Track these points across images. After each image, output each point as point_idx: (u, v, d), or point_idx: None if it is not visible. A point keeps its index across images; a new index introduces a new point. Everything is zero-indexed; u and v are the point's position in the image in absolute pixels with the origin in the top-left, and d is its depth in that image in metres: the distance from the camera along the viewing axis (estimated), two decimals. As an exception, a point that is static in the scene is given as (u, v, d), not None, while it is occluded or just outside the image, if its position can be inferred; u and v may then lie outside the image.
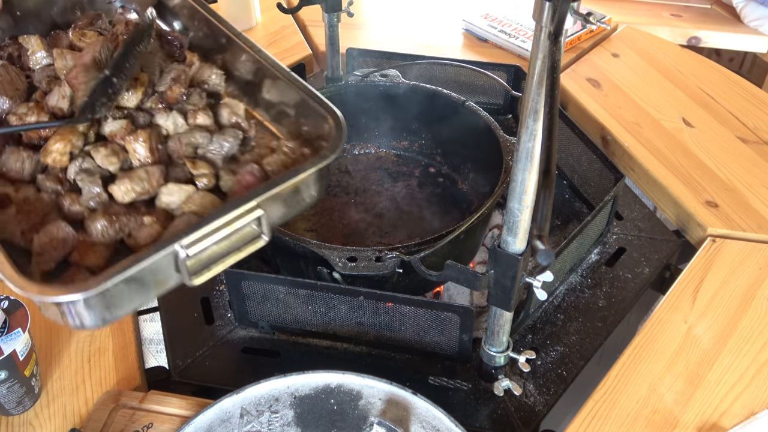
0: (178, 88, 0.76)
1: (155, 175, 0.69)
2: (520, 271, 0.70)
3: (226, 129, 0.76)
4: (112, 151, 0.71)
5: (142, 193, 0.68)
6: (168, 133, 0.75)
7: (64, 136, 0.71)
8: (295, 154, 0.72)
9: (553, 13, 0.54)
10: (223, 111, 0.77)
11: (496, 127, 0.99)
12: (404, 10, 1.61)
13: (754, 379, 0.80)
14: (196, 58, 0.83)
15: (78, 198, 0.68)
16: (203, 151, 0.74)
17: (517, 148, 0.64)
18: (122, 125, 0.73)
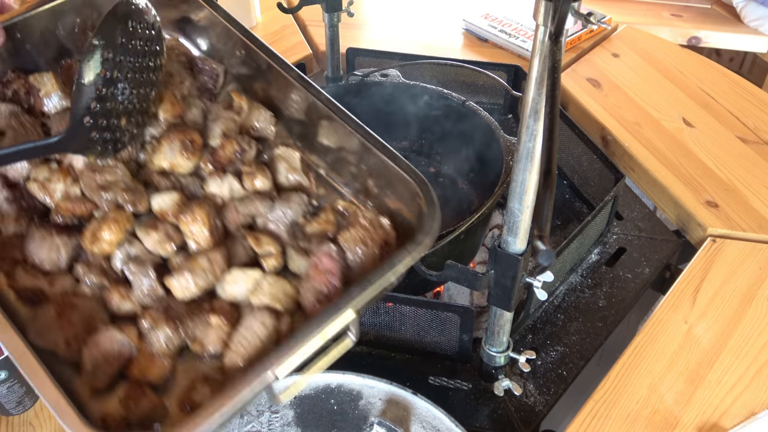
0: (231, 145, 0.67)
1: (218, 262, 0.60)
2: (520, 271, 0.70)
3: (288, 194, 0.66)
4: (166, 235, 0.61)
5: (205, 288, 0.60)
6: (223, 201, 0.65)
7: (115, 221, 0.61)
8: (373, 228, 0.63)
9: (554, 13, 0.54)
10: (280, 165, 0.68)
11: (496, 127, 0.99)
12: (404, 10, 1.61)
13: (754, 379, 0.80)
14: (244, 101, 0.72)
15: (128, 292, 0.60)
16: (263, 221, 0.65)
17: (517, 148, 0.64)
18: (174, 200, 0.63)
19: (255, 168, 0.67)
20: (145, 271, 0.59)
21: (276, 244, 0.63)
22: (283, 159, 0.68)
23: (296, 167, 0.68)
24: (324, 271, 0.59)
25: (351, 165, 0.68)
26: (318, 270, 0.60)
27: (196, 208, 0.61)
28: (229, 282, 0.60)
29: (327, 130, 0.69)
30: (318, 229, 0.64)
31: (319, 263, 0.60)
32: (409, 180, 0.62)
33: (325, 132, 0.69)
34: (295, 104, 0.71)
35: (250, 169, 0.66)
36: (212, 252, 0.60)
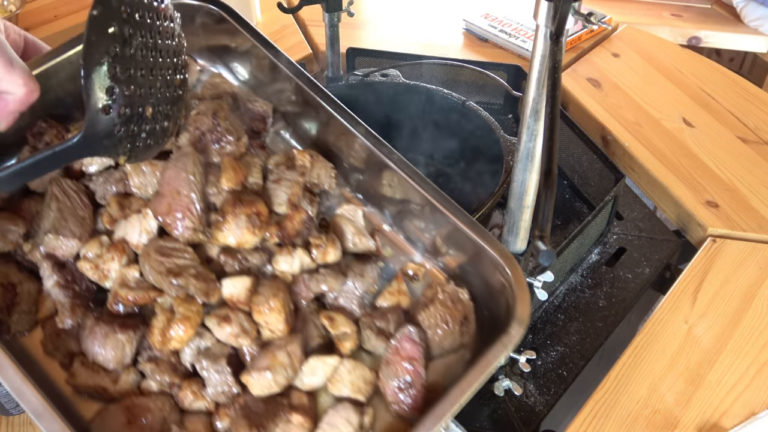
0: (299, 214, 0.62)
1: (297, 354, 0.56)
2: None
3: (359, 265, 0.62)
4: (241, 328, 0.57)
5: (285, 384, 0.56)
6: (294, 279, 0.61)
7: (187, 318, 0.56)
8: (453, 302, 0.59)
9: (554, 13, 0.54)
10: (346, 228, 0.64)
11: (496, 127, 0.99)
12: (404, 10, 1.61)
13: (754, 379, 0.80)
14: (307, 158, 0.67)
15: (201, 390, 0.56)
16: (335, 295, 0.62)
17: (517, 148, 0.64)
18: (246, 286, 0.58)
19: (325, 240, 0.62)
20: (220, 366, 0.56)
21: (351, 323, 0.60)
22: (347, 220, 0.64)
23: (361, 228, 0.64)
24: (406, 357, 0.56)
25: (417, 219, 0.65)
26: (400, 356, 0.57)
27: (272, 297, 0.57)
28: (307, 373, 0.57)
29: (391, 180, 0.65)
30: (391, 301, 0.61)
31: (400, 349, 0.57)
32: (489, 251, 0.59)
33: (389, 182, 0.66)
34: (354, 152, 0.67)
35: (320, 241, 0.62)
36: (291, 344, 0.56)
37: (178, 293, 0.57)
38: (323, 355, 0.58)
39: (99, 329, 0.57)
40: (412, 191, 0.64)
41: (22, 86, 0.56)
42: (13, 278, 0.61)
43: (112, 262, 0.59)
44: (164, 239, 0.60)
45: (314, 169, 0.66)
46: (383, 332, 0.59)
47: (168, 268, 0.57)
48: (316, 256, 0.62)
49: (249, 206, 0.61)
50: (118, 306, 0.59)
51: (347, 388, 0.56)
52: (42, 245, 0.61)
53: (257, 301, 0.57)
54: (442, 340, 0.60)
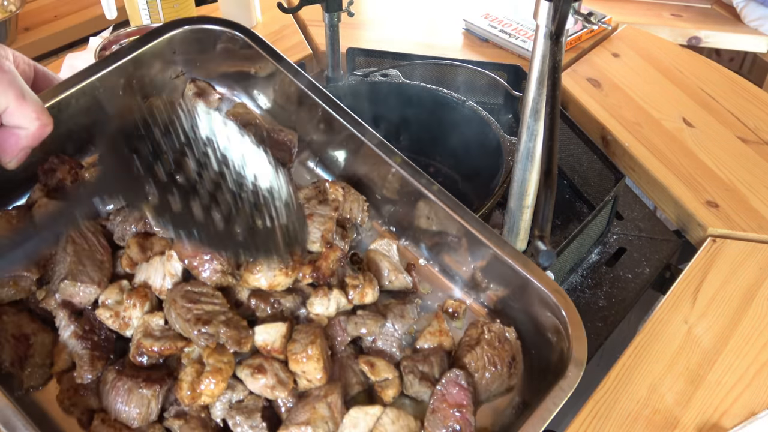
0: (334, 253, 0.58)
1: (337, 406, 0.53)
2: (520, 271, 0.70)
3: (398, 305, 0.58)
4: (277, 380, 0.52)
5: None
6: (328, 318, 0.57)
7: (218, 371, 0.51)
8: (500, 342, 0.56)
9: (554, 13, 0.54)
10: (382, 265, 0.60)
11: (496, 126, 0.99)
12: (404, 10, 1.61)
13: (754, 379, 0.80)
14: (340, 191, 0.63)
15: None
16: (372, 338, 0.58)
17: (518, 148, 0.64)
18: (281, 333, 0.54)
19: (363, 279, 0.58)
20: (255, 422, 0.52)
21: (392, 368, 0.56)
22: (382, 256, 0.61)
23: (397, 264, 0.61)
24: (454, 404, 0.53)
25: (455, 252, 0.61)
26: (447, 403, 0.53)
27: (310, 345, 0.53)
28: (349, 426, 0.52)
29: (428, 211, 0.62)
30: (433, 342, 0.57)
31: (447, 395, 0.53)
32: (536, 285, 0.56)
33: (426, 214, 0.62)
34: (388, 182, 0.63)
35: (357, 281, 0.58)
36: (331, 394, 0.52)
37: (207, 342, 0.52)
38: (364, 405, 0.54)
39: (121, 384, 0.52)
40: (451, 222, 0.60)
41: (35, 120, 0.53)
42: (26, 329, 0.57)
43: (134, 309, 0.55)
44: (191, 283, 0.56)
45: (346, 202, 0.63)
46: (427, 377, 0.55)
47: (196, 316, 0.53)
48: (353, 297, 0.58)
49: None
50: (141, 358, 0.54)
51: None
52: (58, 292, 0.57)
53: (293, 349, 0.53)
54: (490, 384, 0.56)
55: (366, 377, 0.56)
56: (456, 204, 0.61)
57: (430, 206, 0.61)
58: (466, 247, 0.61)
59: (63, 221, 0.51)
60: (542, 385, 0.54)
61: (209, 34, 0.69)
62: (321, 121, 0.66)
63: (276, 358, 0.54)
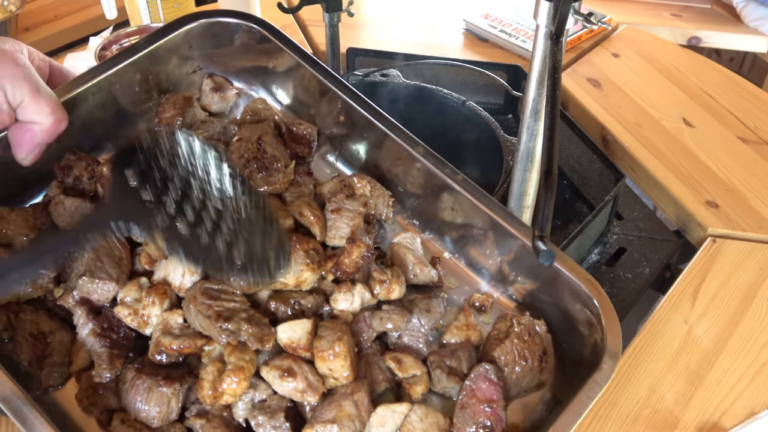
0: (359, 248, 0.56)
1: (364, 404, 0.51)
2: (520, 271, 0.70)
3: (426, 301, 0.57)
4: (308, 383, 0.51)
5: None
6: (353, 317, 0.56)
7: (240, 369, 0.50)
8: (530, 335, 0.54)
9: (554, 13, 0.54)
10: (406, 257, 0.58)
11: (496, 126, 0.99)
12: (404, 10, 1.60)
13: (754, 379, 0.80)
14: (367, 185, 0.61)
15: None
16: (397, 334, 0.56)
17: (518, 148, 0.64)
18: (306, 330, 0.53)
19: (390, 274, 0.57)
20: (278, 422, 0.50)
21: (419, 364, 0.54)
22: (406, 249, 0.59)
23: (421, 257, 0.59)
24: (484, 399, 0.51)
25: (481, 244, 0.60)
26: (477, 398, 0.51)
27: (337, 341, 0.51)
28: (376, 424, 0.51)
29: (452, 203, 0.60)
30: (460, 337, 0.56)
31: (476, 390, 0.51)
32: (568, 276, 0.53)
33: (450, 206, 0.60)
34: (411, 176, 0.62)
35: (384, 276, 0.57)
36: (357, 392, 0.51)
37: (228, 339, 0.51)
38: (392, 403, 0.52)
39: (141, 382, 0.51)
40: (476, 213, 0.58)
41: (50, 115, 0.52)
42: (43, 327, 0.56)
43: (153, 306, 0.54)
44: (210, 281, 0.55)
45: (372, 198, 0.61)
46: (455, 372, 0.53)
47: (217, 312, 0.51)
48: (380, 293, 0.56)
49: (306, 241, 0.56)
50: (160, 356, 0.53)
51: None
52: (75, 290, 0.56)
53: (320, 347, 0.51)
54: (521, 379, 0.55)
55: (393, 374, 0.55)
56: (482, 193, 0.59)
57: (455, 197, 0.60)
58: (492, 239, 0.59)
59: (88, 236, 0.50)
60: (575, 380, 0.53)
61: (226, 28, 0.68)
62: (340, 113, 0.65)
63: (303, 357, 0.52)
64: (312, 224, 0.59)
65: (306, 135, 0.66)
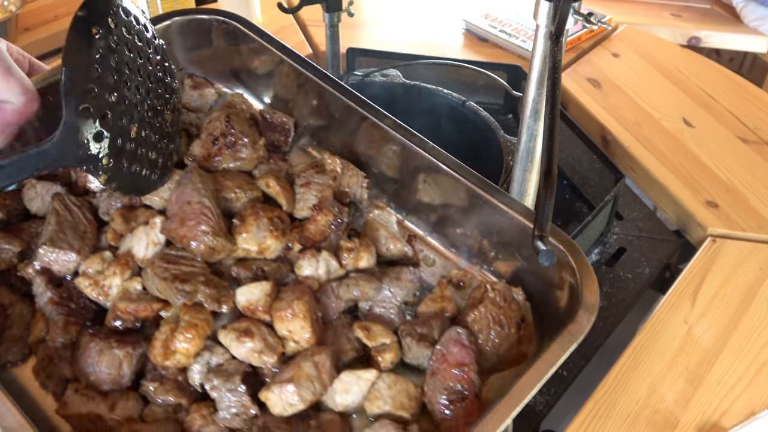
0: (324, 216, 0.55)
1: (326, 367, 0.49)
2: (520, 271, 0.70)
3: (395, 269, 0.56)
4: (265, 344, 0.49)
5: (313, 401, 0.48)
6: (320, 285, 0.54)
7: (193, 326, 0.49)
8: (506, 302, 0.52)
9: (554, 13, 0.54)
10: (379, 233, 0.57)
11: (496, 126, 0.99)
12: (404, 10, 1.61)
13: (754, 379, 0.80)
14: (338, 162, 0.61)
15: (211, 415, 0.48)
16: (368, 304, 0.54)
17: (517, 148, 0.64)
18: (265, 291, 0.51)
19: (359, 243, 0.55)
20: (233, 385, 0.48)
21: (390, 333, 0.52)
22: (380, 225, 0.57)
23: (395, 233, 0.58)
24: (455, 363, 0.48)
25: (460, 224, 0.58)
26: (447, 363, 0.49)
27: (296, 300, 0.49)
28: (340, 390, 0.49)
29: (429, 183, 0.59)
30: (434, 308, 0.54)
31: (447, 354, 0.49)
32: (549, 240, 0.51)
33: (427, 186, 0.59)
34: (388, 157, 0.61)
35: (352, 244, 0.55)
36: (318, 354, 0.49)
37: (184, 300, 0.50)
38: (358, 370, 0.50)
39: (94, 345, 0.50)
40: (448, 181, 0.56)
41: (21, 95, 0.52)
42: (3, 300, 0.55)
43: (114, 277, 0.53)
44: (170, 247, 0.54)
45: (345, 176, 0.61)
46: (426, 338, 0.51)
47: (173, 275, 0.51)
48: (347, 262, 0.55)
49: (271, 210, 0.56)
50: (116, 321, 0.52)
51: (388, 405, 0.47)
52: (36, 260, 0.55)
53: (278, 307, 0.50)
54: (498, 346, 0.52)
55: (361, 344, 0.53)
56: (454, 161, 0.58)
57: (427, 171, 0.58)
58: (468, 209, 0.57)
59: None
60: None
61: (202, 25, 0.68)
62: (316, 99, 0.65)
63: (262, 320, 0.51)
64: (278, 194, 0.59)
65: (281, 123, 0.66)
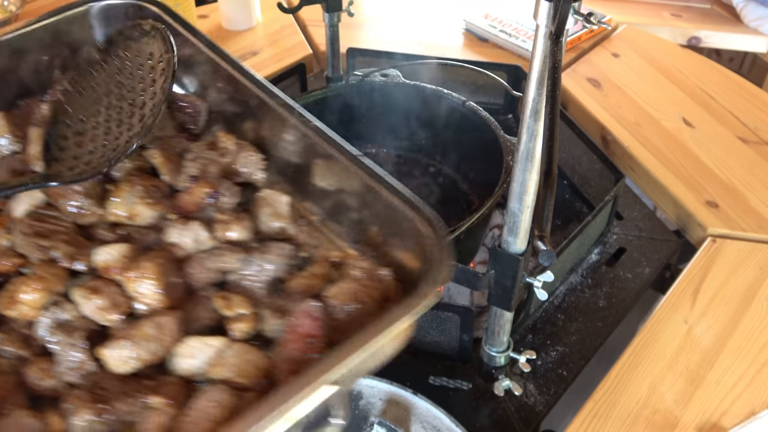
0: (200, 188, 0.56)
1: (169, 329, 0.48)
2: (520, 271, 0.70)
3: (269, 244, 0.55)
4: (112, 301, 0.49)
5: (150, 360, 0.48)
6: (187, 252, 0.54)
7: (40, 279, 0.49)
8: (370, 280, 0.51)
9: (554, 13, 0.53)
10: (262, 210, 0.57)
11: (496, 126, 0.99)
12: (404, 10, 1.61)
13: (754, 379, 0.80)
14: (231, 141, 0.61)
15: (50, 369, 0.48)
16: (237, 278, 0.54)
17: (517, 148, 0.64)
18: (121, 252, 0.51)
19: (231, 216, 0.55)
20: (73, 340, 0.47)
21: (249, 304, 0.51)
22: (266, 203, 0.57)
23: (282, 212, 0.57)
24: (303, 334, 0.47)
25: (352, 210, 0.58)
26: (296, 333, 0.47)
27: (145, 261, 0.49)
28: (185, 354, 0.48)
29: (323, 169, 0.58)
30: (304, 284, 0.53)
31: (298, 326, 0.48)
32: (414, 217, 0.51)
33: (322, 172, 0.58)
34: (288, 143, 0.60)
35: (226, 217, 0.55)
36: (162, 316, 0.48)
37: (40, 255, 0.50)
38: (207, 337, 0.49)
39: None
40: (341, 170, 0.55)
41: None
42: None
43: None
44: (43, 207, 0.55)
45: (240, 155, 0.60)
46: (282, 310, 0.51)
47: (36, 231, 0.51)
48: (218, 233, 0.54)
49: (149, 179, 0.56)
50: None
51: (231, 372, 0.46)
52: None
53: (131, 267, 0.50)
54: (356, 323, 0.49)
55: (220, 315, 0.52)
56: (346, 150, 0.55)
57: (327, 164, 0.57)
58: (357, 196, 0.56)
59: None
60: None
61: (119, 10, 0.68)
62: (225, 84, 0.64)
63: (116, 281, 0.50)
64: (161, 165, 0.58)
65: (192, 105, 0.65)
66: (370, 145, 1.17)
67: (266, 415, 0.38)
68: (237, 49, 1.41)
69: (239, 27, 1.48)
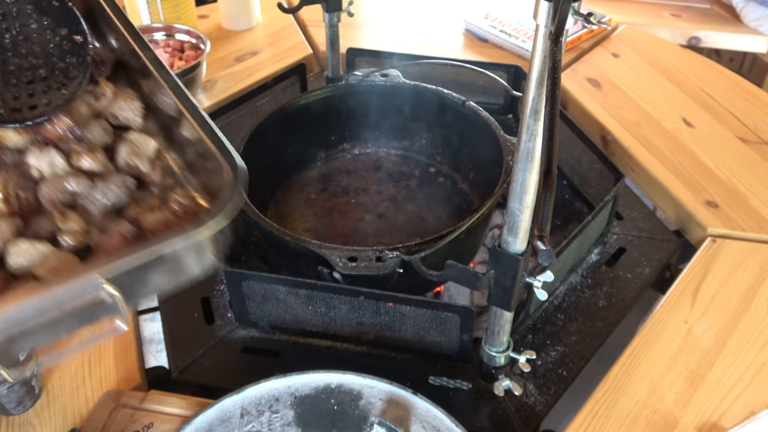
0: (61, 122, 0.62)
1: (2, 231, 0.56)
2: (520, 271, 0.70)
3: (112, 175, 0.63)
4: None
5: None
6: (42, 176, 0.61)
7: None
8: (186, 211, 0.59)
9: (554, 13, 0.53)
10: (122, 149, 0.64)
11: (496, 126, 0.99)
12: (404, 10, 1.61)
13: (754, 379, 0.80)
14: (110, 88, 0.67)
15: None
16: (84, 201, 0.60)
17: (517, 148, 0.64)
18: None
19: (84, 147, 0.62)
20: None
21: (82, 221, 0.58)
22: (129, 144, 0.64)
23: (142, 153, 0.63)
24: (110, 247, 0.55)
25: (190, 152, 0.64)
26: (103, 247, 0.54)
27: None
28: (14, 253, 0.55)
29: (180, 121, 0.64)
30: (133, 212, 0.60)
31: (107, 241, 0.55)
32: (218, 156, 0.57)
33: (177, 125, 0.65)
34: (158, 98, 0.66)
35: (80, 147, 0.62)
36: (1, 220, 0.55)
37: None
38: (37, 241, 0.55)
39: None
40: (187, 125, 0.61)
41: None
42: None
43: None
44: None
45: (117, 102, 0.65)
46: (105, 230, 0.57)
47: None
48: (73, 161, 0.61)
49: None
50: None
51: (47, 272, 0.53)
52: None
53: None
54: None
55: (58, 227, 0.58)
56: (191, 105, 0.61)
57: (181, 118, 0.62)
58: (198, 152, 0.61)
59: None
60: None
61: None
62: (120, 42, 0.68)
63: None
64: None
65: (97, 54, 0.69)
66: (371, 145, 1.17)
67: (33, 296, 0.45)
68: (237, 49, 1.41)
69: (239, 27, 1.48)
